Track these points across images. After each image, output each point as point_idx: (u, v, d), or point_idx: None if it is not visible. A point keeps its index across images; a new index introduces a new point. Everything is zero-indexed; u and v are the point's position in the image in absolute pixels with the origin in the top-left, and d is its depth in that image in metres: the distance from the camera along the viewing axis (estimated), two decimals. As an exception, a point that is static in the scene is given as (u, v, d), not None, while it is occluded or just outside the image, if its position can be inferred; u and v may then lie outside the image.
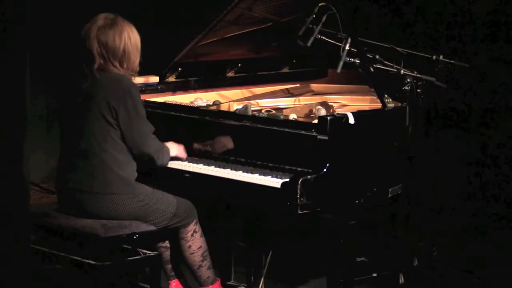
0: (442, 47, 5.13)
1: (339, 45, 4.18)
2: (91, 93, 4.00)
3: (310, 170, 3.88)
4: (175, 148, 4.20)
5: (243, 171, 4.06)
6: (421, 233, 4.80)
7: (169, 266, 4.35)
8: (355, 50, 4.16)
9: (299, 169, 3.95)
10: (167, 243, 4.32)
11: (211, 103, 4.59)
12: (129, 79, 4.06)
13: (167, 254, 4.32)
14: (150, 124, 4.07)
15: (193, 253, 4.21)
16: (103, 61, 4.02)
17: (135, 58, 4.09)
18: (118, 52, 4.03)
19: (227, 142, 4.22)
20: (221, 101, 4.64)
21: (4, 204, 2.96)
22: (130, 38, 4.06)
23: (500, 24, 5.14)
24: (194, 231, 4.19)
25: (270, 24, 4.70)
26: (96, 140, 3.98)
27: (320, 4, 4.23)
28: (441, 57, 4.58)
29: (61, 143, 4.15)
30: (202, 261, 4.22)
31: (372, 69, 4.19)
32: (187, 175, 4.18)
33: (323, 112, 4.37)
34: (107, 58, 4.02)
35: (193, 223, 4.19)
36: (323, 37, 4.29)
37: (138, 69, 4.13)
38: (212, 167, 4.16)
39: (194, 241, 4.19)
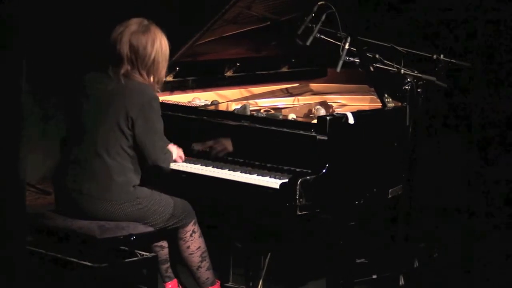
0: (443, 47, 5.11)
1: (339, 44, 4.17)
2: (111, 98, 3.95)
3: (309, 171, 3.87)
4: (175, 152, 4.17)
5: (241, 172, 4.05)
6: (421, 234, 4.78)
7: (164, 267, 4.31)
8: (355, 49, 4.14)
9: (298, 169, 3.93)
10: (162, 243, 4.29)
11: (209, 103, 4.57)
12: (152, 91, 4.00)
13: (162, 254, 4.28)
14: (166, 139, 4.03)
15: (192, 254, 4.18)
16: (131, 67, 3.98)
17: (163, 68, 4.05)
18: (148, 61, 3.98)
19: (225, 142, 4.20)
20: (219, 101, 4.62)
21: (0, 205, 2.94)
22: (162, 47, 4.02)
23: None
24: (193, 231, 4.16)
25: (269, 23, 4.68)
26: (104, 144, 3.94)
27: (319, 3, 4.22)
28: (441, 56, 4.56)
29: (66, 140, 4.09)
30: (201, 261, 4.20)
31: (372, 69, 4.19)
32: (184, 175, 4.15)
33: (322, 112, 4.36)
34: (136, 64, 3.97)
35: (192, 223, 4.16)
36: (323, 36, 4.27)
37: (163, 79, 4.09)
38: (210, 168, 4.14)
39: (193, 242, 4.17)
